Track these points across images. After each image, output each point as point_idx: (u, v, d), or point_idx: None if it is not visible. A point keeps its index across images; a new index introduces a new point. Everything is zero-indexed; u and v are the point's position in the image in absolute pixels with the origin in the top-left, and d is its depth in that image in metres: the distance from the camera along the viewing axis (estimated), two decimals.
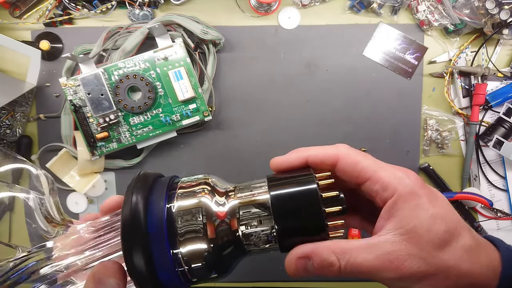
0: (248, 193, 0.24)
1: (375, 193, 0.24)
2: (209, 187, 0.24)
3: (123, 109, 0.55)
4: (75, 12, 0.58)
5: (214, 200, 0.23)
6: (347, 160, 0.25)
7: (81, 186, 0.59)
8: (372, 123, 0.61)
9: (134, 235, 0.21)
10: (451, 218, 0.23)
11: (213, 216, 0.23)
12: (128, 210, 0.22)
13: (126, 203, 0.22)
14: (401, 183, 0.23)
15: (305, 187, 0.23)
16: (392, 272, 0.21)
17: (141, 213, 0.22)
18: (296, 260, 0.23)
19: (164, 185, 0.24)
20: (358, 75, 0.60)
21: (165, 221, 0.22)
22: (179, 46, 0.55)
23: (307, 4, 0.59)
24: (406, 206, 0.22)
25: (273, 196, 0.23)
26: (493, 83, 0.60)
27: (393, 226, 0.22)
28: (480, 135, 0.61)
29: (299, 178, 0.24)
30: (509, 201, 0.61)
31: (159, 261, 0.21)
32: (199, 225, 0.22)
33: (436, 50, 0.60)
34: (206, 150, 0.61)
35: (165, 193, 0.23)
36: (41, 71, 0.59)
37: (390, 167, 0.24)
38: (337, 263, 0.22)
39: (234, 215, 0.23)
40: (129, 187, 0.23)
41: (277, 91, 0.61)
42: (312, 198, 0.23)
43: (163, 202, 0.23)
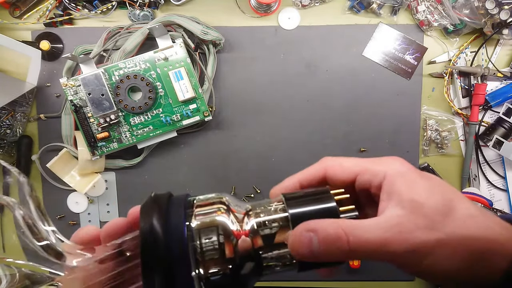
0: (266, 211, 0.24)
1: (368, 183, 0.24)
2: (226, 206, 0.24)
3: (123, 109, 0.55)
4: (75, 12, 0.58)
5: (231, 220, 0.23)
6: (333, 167, 0.26)
7: (82, 186, 0.59)
8: (371, 123, 0.61)
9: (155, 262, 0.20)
10: (448, 188, 0.23)
11: (231, 235, 0.22)
12: (146, 233, 0.21)
13: (144, 226, 0.21)
14: (390, 167, 0.24)
15: (325, 206, 0.23)
16: (402, 244, 0.21)
17: (161, 236, 0.21)
18: (301, 234, 0.22)
19: (181, 203, 0.23)
20: (358, 75, 0.61)
21: (185, 242, 0.21)
22: (180, 46, 0.55)
23: (307, 4, 0.59)
24: (401, 181, 0.23)
25: (292, 214, 0.23)
26: (492, 83, 0.60)
27: (395, 203, 0.22)
28: (480, 135, 0.61)
29: (316, 196, 0.24)
30: (509, 201, 0.61)
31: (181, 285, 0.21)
32: (219, 246, 0.22)
33: (436, 50, 0.60)
34: (206, 150, 0.61)
35: (183, 212, 0.22)
36: (41, 71, 0.59)
37: (374, 158, 0.25)
38: (344, 237, 0.21)
39: (255, 234, 0.23)
40: (143, 208, 0.23)
41: (277, 91, 0.61)
42: (333, 215, 0.23)
43: (183, 222, 0.22)
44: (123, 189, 0.62)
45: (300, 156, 0.61)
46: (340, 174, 0.25)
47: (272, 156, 0.62)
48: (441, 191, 0.22)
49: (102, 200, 0.62)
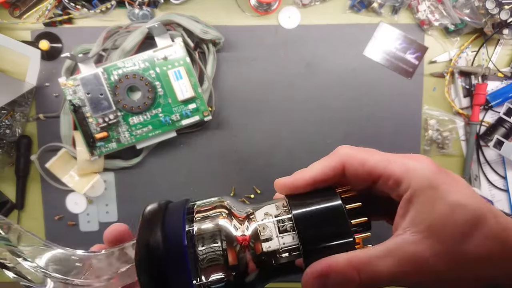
0: (270, 212, 0.23)
1: (390, 190, 0.22)
2: (228, 210, 0.23)
3: (122, 109, 0.55)
4: (74, 12, 0.58)
5: (234, 224, 0.22)
6: (353, 164, 0.23)
7: (81, 186, 0.59)
8: (372, 123, 0.61)
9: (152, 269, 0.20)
10: (472, 204, 0.20)
11: (234, 242, 0.21)
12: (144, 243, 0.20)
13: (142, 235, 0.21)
14: (416, 175, 0.21)
15: (329, 204, 0.22)
16: (416, 276, 0.19)
17: (160, 242, 0.20)
18: (313, 280, 0.20)
19: (180, 210, 0.22)
20: (358, 75, 0.60)
21: (185, 250, 0.20)
22: (179, 45, 0.55)
23: (308, 3, 0.59)
24: (422, 199, 0.20)
25: (296, 216, 0.21)
26: (493, 83, 0.60)
27: (410, 223, 0.20)
28: (481, 135, 0.60)
29: (321, 195, 0.23)
30: (509, 201, 0.61)
31: None
32: (220, 252, 0.20)
33: (437, 50, 0.60)
34: (206, 150, 0.61)
35: (182, 219, 0.21)
36: (40, 71, 0.59)
37: (400, 157, 0.22)
38: (357, 278, 0.20)
39: (257, 239, 0.21)
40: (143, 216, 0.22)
41: (277, 91, 0.61)
42: (339, 214, 0.21)
43: (182, 230, 0.21)
44: (122, 190, 0.62)
45: (300, 156, 0.61)
46: (361, 174, 0.23)
47: (272, 156, 0.61)
48: (464, 210, 0.20)
49: (101, 200, 0.62)
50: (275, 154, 0.61)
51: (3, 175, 0.61)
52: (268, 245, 0.21)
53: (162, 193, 0.61)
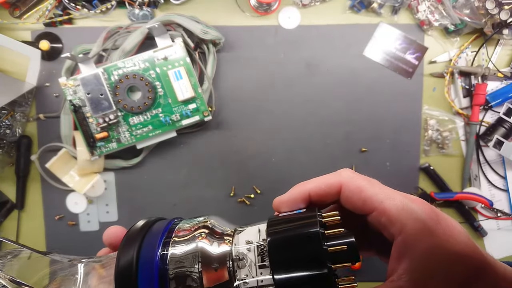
0: (249, 238, 0.22)
1: (382, 227, 0.21)
2: (209, 230, 0.22)
3: (122, 109, 0.55)
4: (74, 12, 0.58)
5: (213, 245, 0.21)
6: (350, 187, 0.22)
7: (81, 186, 0.59)
8: (372, 123, 0.61)
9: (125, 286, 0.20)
10: (471, 256, 0.19)
11: (211, 263, 0.21)
12: (119, 264, 0.21)
13: (119, 255, 0.21)
14: (411, 217, 0.20)
15: (306, 230, 0.20)
16: None
17: (133, 267, 0.20)
18: None
19: (159, 232, 0.22)
20: (358, 75, 0.60)
21: (155, 272, 0.20)
22: (179, 46, 0.55)
23: (307, 3, 0.59)
24: (419, 246, 0.19)
25: (270, 243, 0.20)
26: (493, 83, 0.60)
27: (406, 269, 0.19)
28: (481, 135, 0.61)
29: (301, 220, 0.21)
30: (509, 201, 0.61)
31: None
32: (192, 275, 0.20)
33: (437, 50, 0.60)
34: (206, 150, 0.61)
35: (158, 241, 0.22)
36: (40, 71, 0.59)
37: (398, 195, 0.21)
38: None
39: (224, 264, 0.21)
40: (124, 236, 0.23)
41: (277, 91, 0.61)
42: (313, 241, 0.20)
43: (155, 252, 0.21)
44: (122, 190, 0.62)
45: (300, 156, 0.61)
46: (356, 201, 0.22)
47: (272, 156, 0.61)
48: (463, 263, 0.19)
49: (101, 200, 0.62)
50: (275, 154, 0.61)
51: (3, 175, 0.61)
52: (243, 274, 0.21)
53: (162, 193, 0.62)
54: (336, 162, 0.61)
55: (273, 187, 0.61)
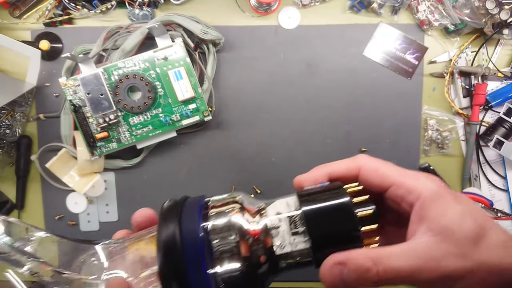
0: (279, 209, 0.24)
1: (400, 198, 0.24)
2: (240, 205, 0.24)
3: (122, 109, 0.55)
4: (75, 12, 0.58)
5: (246, 218, 0.23)
6: (368, 168, 0.25)
7: (81, 186, 0.59)
8: (372, 123, 0.61)
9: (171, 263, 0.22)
10: (479, 214, 0.22)
11: (246, 235, 0.23)
12: (163, 237, 0.22)
13: (161, 229, 0.23)
14: (425, 186, 0.23)
15: (337, 201, 0.23)
16: (431, 272, 0.21)
17: (177, 239, 0.22)
18: (331, 268, 0.22)
19: (195, 206, 0.24)
20: (358, 75, 0.60)
21: (200, 243, 0.22)
22: (179, 46, 0.55)
23: (307, 4, 0.59)
24: (434, 206, 0.22)
25: (305, 212, 0.23)
26: (493, 83, 0.60)
27: (426, 227, 0.22)
28: (481, 135, 0.61)
29: (330, 192, 0.24)
30: (509, 201, 0.61)
31: (197, 285, 0.22)
32: (233, 244, 0.22)
33: (437, 50, 0.60)
34: (206, 150, 0.61)
35: (197, 215, 0.23)
36: (40, 71, 0.59)
37: (411, 172, 0.25)
38: (373, 268, 0.21)
39: (267, 233, 0.23)
40: (161, 212, 0.24)
41: (277, 91, 0.61)
42: (345, 209, 0.23)
43: (197, 224, 0.23)
44: (122, 190, 0.62)
45: (300, 156, 0.61)
46: (374, 179, 0.25)
47: (272, 156, 0.61)
48: (473, 217, 0.22)
49: (101, 200, 0.62)
50: (275, 154, 0.61)
51: (3, 175, 0.62)
52: (280, 247, 0.23)
53: (162, 193, 0.62)
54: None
55: (273, 187, 0.61)
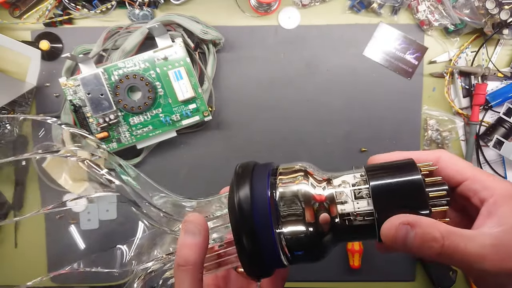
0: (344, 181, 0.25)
1: (473, 192, 0.24)
2: (308, 174, 0.26)
3: (123, 109, 0.55)
4: (75, 12, 0.58)
5: (312, 186, 0.25)
6: (447, 160, 0.26)
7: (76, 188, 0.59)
8: (372, 123, 0.61)
9: (243, 222, 0.24)
10: None
11: (312, 201, 0.24)
12: (235, 199, 0.25)
13: (233, 191, 0.25)
14: (501, 185, 0.24)
15: (408, 177, 0.23)
16: (495, 264, 0.21)
17: (248, 201, 0.24)
18: (399, 225, 0.22)
19: (265, 172, 0.26)
20: (358, 75, 0.60)
21: (269, 207, 0.24)
22: (179, 46, 0.55)
23: (307, 4, 0.59)
24: (507, 205, 0.23)
25: (372, 182, 0.24)
26: (493, 83, 0.60)
27: (495, 223, 0.22)
28: (480, 135, 0.61)
29: (401, 168, 0.24)
30: None
31: (264, 242, 0.24)
32: (299, 210, 0.24)
33: (436, 50, 0.60)
34: (206, 150, 0.61)
35: (267, 180, 0.25)
36: (41, 71, 0.59)
37: (487, 172, 0.26)
38: (440, 240, 0.21)
39: (333, 201, 0.24)
40: (235, 176, 0.26)
41: (277, 91, 0.61)
42: (416, 186, 0.23)
43: (266, 189, 0.25)
44: None
45: (300, 156, 0.61)
46: (452, 171, 0.25)
47: (272, 156, 0.61)
48: None
49: (102, 199, 0.62)
50: (275, 154, 0.61)
51: (2, 175, 0.61)
52: (343, 207, 0.24)
53: None
54: (336, 161, 0.61)
55: None
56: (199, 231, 0.26)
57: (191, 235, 0.26)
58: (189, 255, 0.25)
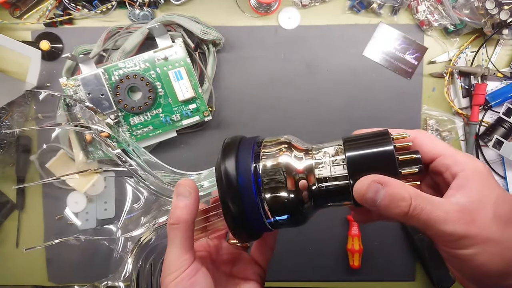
0: (324, 151, 0.27)
1: (445, 167, 0.25)
2: (289, 145, 0.28)
3: (123, 109, 0.55)
4: (75, 12, 0.58)
5: (294, 156, 0.27)
6: (424, 137, 0.27)
7: (82, 185, 0.59)
8: (372, 123, 0.60)
9: (228, 187, 0.26)
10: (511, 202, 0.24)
11: (292, 171, 0.26)
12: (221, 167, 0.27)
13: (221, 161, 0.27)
14: (472, 162, 0.25)
15: (381, 148, 0.25)
16: (458, 227, 0.22)
17: (233, 168, 0.26)
18: (370, 183, 0.23)
19: (250, 143, 0.28)
20: (358, 75, 0.60)
21: (252, 174, 0.26)
22: (179, 46, 0.55)
23: (307, 4, 0.59)
24: (476, 180, 0.24)
25: (349, 157, 0.25)
26: (493, 83, 0.60)
27: (464, 195, 0.23)
28: (480, 135, 0.61)
29: (376, 139, 0.26)
30: None
31: (248, 206, 0.26)
32: (280, 178, 0.26)
33: (436, 50, 0.60)
34: (206, 150, 0.61)
35: (251, 151, 0.27)
36: (41, 71, 0.59)
37: (460, 151, 0.27)
38: (408, 200, 0.23)
39: (311, 170, 0.26)
40: (223, 148, 0.28)
41: (277, 91, 0.61)
42: (389, 158, 0.24)
43: (250, 159, 0.27)
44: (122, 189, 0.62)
45: None
46: (428, 147, 0.26)
47: None
48: (509, 203, 0.23)
49: (100, 198, 0.61)
50: None
51: (4, 175, 0.61)
52: (320, 172, 0.26)
53: None
54: None
55: None
56: (189, 193, 0.28)
57: (182, 197, 0.28)
58: (180, 214, 0.27)
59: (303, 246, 0.62)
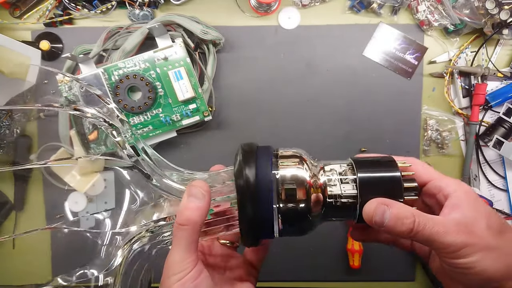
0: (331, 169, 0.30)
1: (438, 189, 0.29)
2: (301, 159, 0.30)
3: (123, 109, 0.55)
4: (75, 12, 0.58)
5: (307, 170, 0.29)
6: (418, 163, 0.31)
7: (82, 185, 0.59)
8: (372, 123, 0.61)
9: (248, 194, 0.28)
10: (500, 217, 0.28)
11: (307, 185, 0.28)
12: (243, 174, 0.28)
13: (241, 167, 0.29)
14: (462, 185, 0.28)
15: (390, 174, 0.28)
16: (458, 237, 0.25)
17: (254, 177, 0.28)
18: (377, 205, 0.27)
19: (268, 153, 0.30)
20: (358, 75, 0.60)
21: (271, 184, 0.28)
22: (179, 46, 0.55)
23: (307, 4, 0.59)
24: (468, 200, 0.27)
25: (361, 178, 0.28)
26: (493, 83, 0.60)
27: (459, 212, 0.27)
28: (480, 135, 0.61)
29: (384, 165, 0.29)
30: (509, 201, 0.61)
31: (264, 213, 0.28)
32: (296, 190, 0.28)
33: (436, 50, 0.60)
34: (206, 150, 0.61)
35: (270, 161, 0.29)
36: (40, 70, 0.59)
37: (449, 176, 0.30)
38: (412, 217, 0.26)
39: (324, 185, 0.29)
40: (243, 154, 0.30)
41: (277, 91, 0.61)
42: (395, 179, 0.28)
43: (270, 169, 0.28)
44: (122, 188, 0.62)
45: None
46: (421, 173, 0.30)
47: None
48: (497, 217, 0.27)
49: (100, 198, 0.61)
50: None
51: (3, 175, 0.61)
52: (331, 189, 0.28)
53: None
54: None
55: None
56: (203, 196, 0.28)
57: (195, 198, 0.28)
58: (190, 216, 0.27)
59: (303, 246, 0.62)
